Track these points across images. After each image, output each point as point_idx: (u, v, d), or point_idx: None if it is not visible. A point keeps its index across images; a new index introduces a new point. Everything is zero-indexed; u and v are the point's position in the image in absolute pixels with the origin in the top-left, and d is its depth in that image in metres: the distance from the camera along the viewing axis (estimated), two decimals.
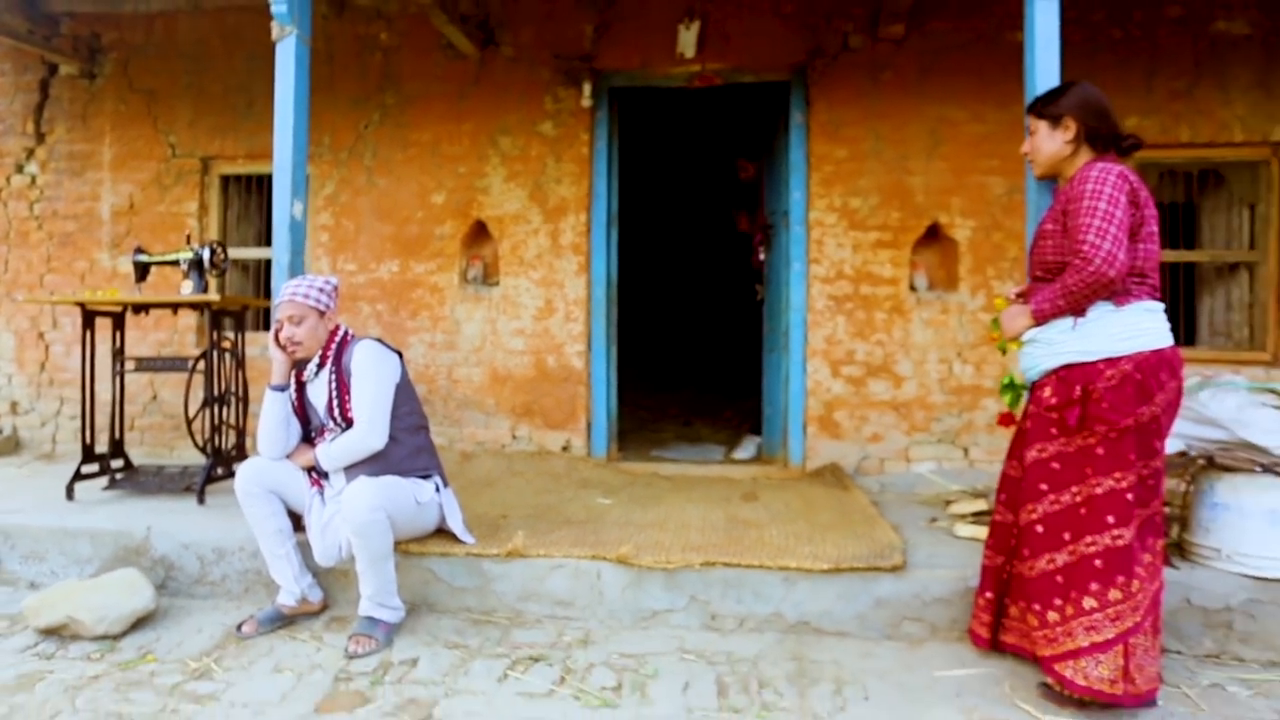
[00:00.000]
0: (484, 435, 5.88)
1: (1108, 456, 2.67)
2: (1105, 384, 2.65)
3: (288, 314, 3.49)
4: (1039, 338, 2.82)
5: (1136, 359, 2.65)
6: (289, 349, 3.53)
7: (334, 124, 5.98)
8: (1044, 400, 2.80)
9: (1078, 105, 2.88)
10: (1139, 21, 5.29)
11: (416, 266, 5.94)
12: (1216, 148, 5.29)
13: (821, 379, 5.53)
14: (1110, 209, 2.62)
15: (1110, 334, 2.68)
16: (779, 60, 5.62)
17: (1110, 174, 2.68)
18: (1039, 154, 2.98)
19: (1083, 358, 2.70)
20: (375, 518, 3.24)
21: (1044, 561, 2.76)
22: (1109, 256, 2.59)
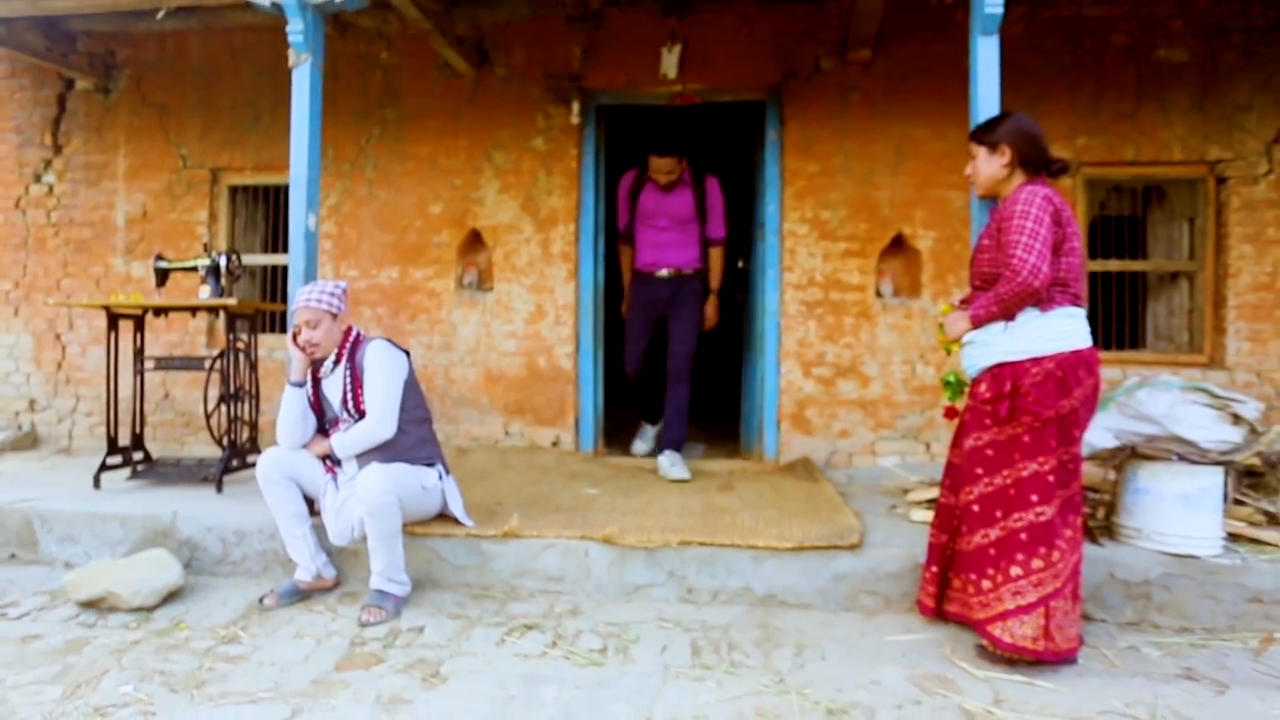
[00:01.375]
0: (479, 431, 6.25)
1: (1033, 443, 3.06)
2: (1031, 380, 3.04)
3: (305, 319, 3.86)
4: (976, 339, 3.21)
5: (1058, 358, 3.04)
6: (308, 350, 3.89)
7: (337, 138, 6.33)
8: (980, 395, 3.20)
9: (1012, 133, 3.24)
10: (1088, 48, 5.70)
11: (415, 273, 6.31)
12: (1159, 166, 5.71)
13: (794, 379, 5.92)
14: (1035, 227, 3.01)
15: (1036, 336, 3.07)
16: (755, 81, 6.01)
17: (1036, 196, 3.07)
18: (979, 176, 3.36)
19: (1012, 357, 3.09)
20: (387, 500, 3.62)
21: (979, 536, 3.17)
22: (1034, 269, 2.99)
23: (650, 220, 5.53)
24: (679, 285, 5.57)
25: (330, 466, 4.00)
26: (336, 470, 4.00)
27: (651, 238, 5.55)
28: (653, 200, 5.51)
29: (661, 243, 5.53)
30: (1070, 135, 5.69)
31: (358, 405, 3.91)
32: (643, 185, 5.55)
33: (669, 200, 5.49)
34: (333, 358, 3.95)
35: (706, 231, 5.56)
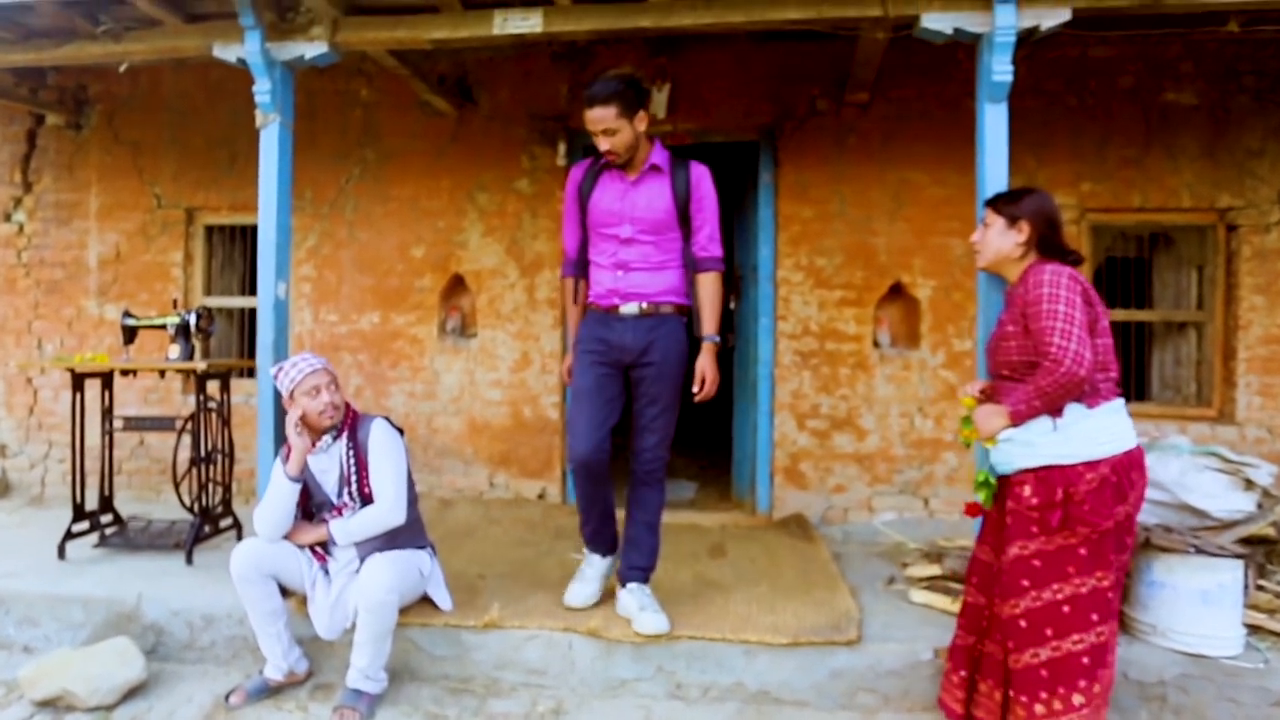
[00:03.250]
0: (462, 483, 6.06)
1: (1090, 557, 2.81)
2: (1086, 487, 2.78)
3: (324, 381, 3.61)
4: (1015, 437, 2.90)
5: (1112, 461, 2.80)
6: (327, 415, 3.60)
7: (315, 178, 6.13)
8: (1024, 499, 2.89)
9: (1036, 211, 3.04)
10: (1093, 90, 5.50)
11: (397, 318, 6.11)
12: (1167, 212, 5.51)
13: (788, 431, 5.73)
14: (1069, 310, 2.77)
15: (1088, 438, 2.81)
16: (748, 122, 5.80)
17: (1062, 276, 2.84)
18: (988, 247, 3.13)
19: (1062, 460, 2.82)
20: (391, 599, 3.45)
21: (1028, 655, 2.88)
22: (1076, 357, 2.73)
23: (608, 228, 3.66)
24: (653, 330, 3.64)
25: (321, 555, 3.74)
26: (328, 558, 3.74)
27: (611, 254, 3.67)
28: (612, 197, 3.65)
29: (625, 262, 3.63)
30: (1075, 181, 5.49)
31: (362, 488, 3.67)
32: (597, 179, 3.71)
33: (635, 196, 3.63)
34: (332, 433, 3.69)
35: (694, 247, 3.70)
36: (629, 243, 3.65)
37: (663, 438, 3.77)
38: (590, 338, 3.75)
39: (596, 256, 3.76)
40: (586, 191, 3.74)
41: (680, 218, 3.66)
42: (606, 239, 3.70)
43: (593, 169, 3.77)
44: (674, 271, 3.72)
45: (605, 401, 3.69)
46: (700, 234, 3.71)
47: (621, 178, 3.68)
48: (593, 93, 3.48)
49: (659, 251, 3.67)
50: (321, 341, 6.17)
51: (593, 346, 3.73)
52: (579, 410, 3.71)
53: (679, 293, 3.73)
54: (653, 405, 3.73)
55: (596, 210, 3.70)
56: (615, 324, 3.68)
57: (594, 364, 3.71)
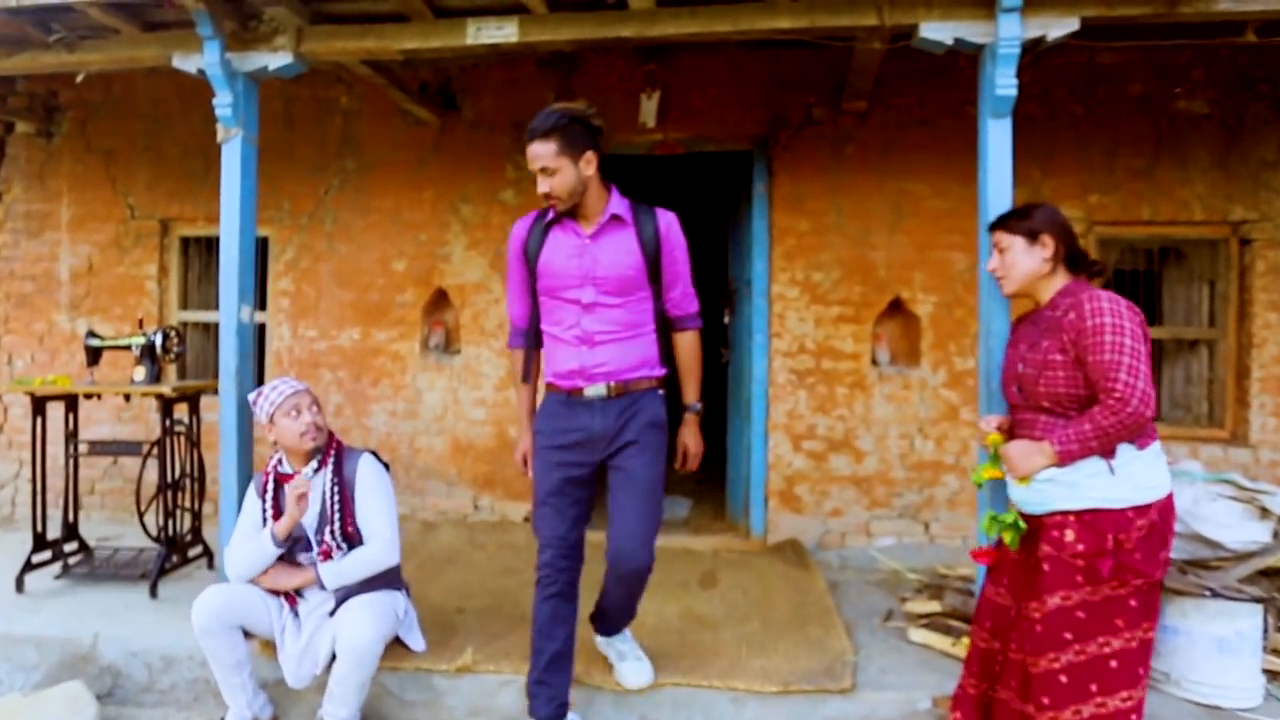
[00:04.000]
0: (446, 505, 5.85)
1: (1141, 608, 2.60)
2: (1137, 534, 2.57)
3: (305, 401, 3.42)
4: (1058, 478, 2.65)
5: (1158, 505, 2.61)
6: (310, 435, 3.39)
7: (294, 189, 5.92)
8: (1066, 545, 2.63)
9: (1052, 223, 2.82)
10: (1101, 98, 5.27)
11: (378, 334, 5.89)
12: (1177, 225, 5.29)
13: (783, 453, 5.51)
14: (1135, 345, 2.55)
15: (1137, 481, 2.59)
16: (741, 130, 5.58)
17: (1121, 305, 2.60)
18: (1014, 269, 2.86)
19: (1110, 504, 2.59)
20: (378, 648, 3.27)
21: (1069, 713, 2.63)
22: (1144, 397, 2.51)
23: (565, 292, 3.08)
24: (626, 410, 3.10)
25: (292, 597, 3.50)
26: (298, 600, 3.50)
27: (571, 325, 3.10)
28: (566, 255, 3.06)
29: (589, 334, 3.06)
30: (1082, 193, 5.27)
31: (345, 527, 3.42)
32: (546, 235, 3.11)
33: (595, 252, 3.05)
34: (315, 463, 3.45)
35: (667, 305, 3.20)
36: (592, 309, 3.05)
37: (648, 527, 3.15)
38: (551, 429, 3.16)
39: (553, 328, 3.15)
40: (534, 250, 3.11)
41: (650, 274, 3.11)
42: (564, 306, 3.09)
43: (540, 223, 3.15)
44: (647, 339, 3.16)
45: (570, 505, 3.18)
46: (674, 290, 3.19)
47: (577, 232, 3.07)
48: (532, 126, 2.96)
49: (628, 316, 3.09)
50: (300, 358, 5.96)
51: (555, 441, 3.14)
52: (540, 514, 3.20)
53: (654, 363, 3.19)
54: (633, 493, 3.12)
55: (549, 272, 3.09)
56: (581, 410, 3.11)
57: (558, 465, 3.14)
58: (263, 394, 3.43)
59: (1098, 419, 2.55)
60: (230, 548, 3.49)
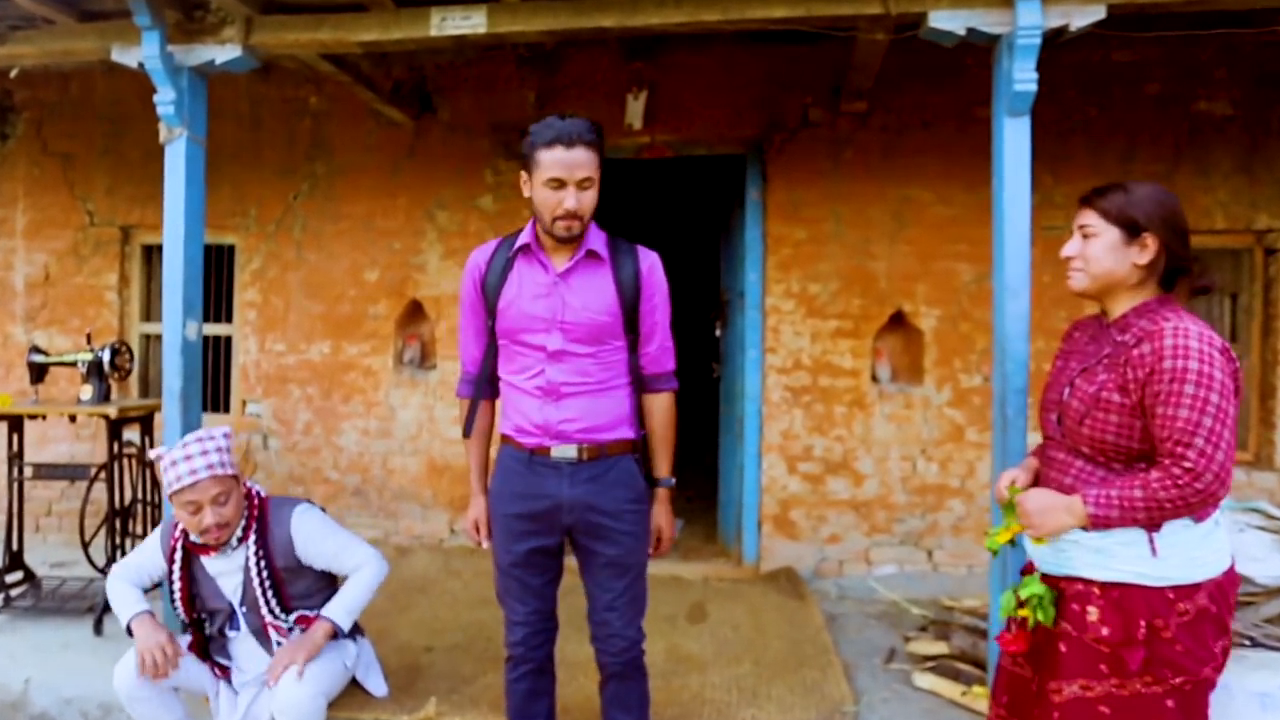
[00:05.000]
0: (421, 529, 5.52)
1: (1180, 710, 2.05)
2: (1179, 620, 2.03)
3: (209, 495, 2.85)
4: (1082, 540, 2.12)
5: (1210, 586, 2.04)
6: (213, 536, 2.91)
7: (260, 194, 5.60)
8: (1089, 625, 2.11)
9: (1164, 220, 2.13)
10: (1116, 99, 4.96)
11: (349, 348, 5.56)
12: (1198, 234, 4.90)
13: (777, 475, 5.18)
14: (1223, 404, 1.97)
15: (1186, 557, 2.04)
16: (733, 133, 5.26)
17: (1214, 348, 2.01)
18: (1095, 265, 2.18)
19: (1145, 580, 2.04)
20: (318, 705, 2.93)
21: None
22: (1222, 472, 1.95)
23: (529, 335, 2.58)
24: (598, 478, 2.62)
25: (222, 669, 3.17)
26: (231, 671, 3.18)
27: (534, 374, 2.60)
28: (532, 294, 2.58)
29: (555, 385, 2.58)
30: None
31: (284, 599, 3.09)
32: (508, 269, 2.61)
33: (565, 293, 2.57)
34: (233, 539, 3.00)
35: (641, 359, 2.69)
36: (559, 357, 2.56)
37: (636, 611, 2.73)
38: (508, 494, 2.64)
39: (513, 376, 2.64)
40: (493, 285, 2.60)
41: (626, 322, 2.62)
42: (526, 352, 2.60)
43: (503, 253, 2.64)
44: (620, 393, 2.67)
45: (538, 574, 2.71)
46: (650, 344, 2.69)
47: (545, 267, 2.58)
48: (571, 130, 2.41)
49: (599, 368, 2.61)
50: (267, 373, 5.63)
51: (513, 508, 2.63)
52: (504, 587, 2.74)
53: (629, 422, 2.68)
54: (609, 572, 2.67)
55: (511, 312, 2.58)
56: (545, 473, 2.59)
57: (520, 535, 2.64)
58: (164, 462, 2.89)
59: (1154, 489, 1.97)
60: (110, 591, 3.08)
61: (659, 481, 2.79)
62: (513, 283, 2.58)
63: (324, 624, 3.04)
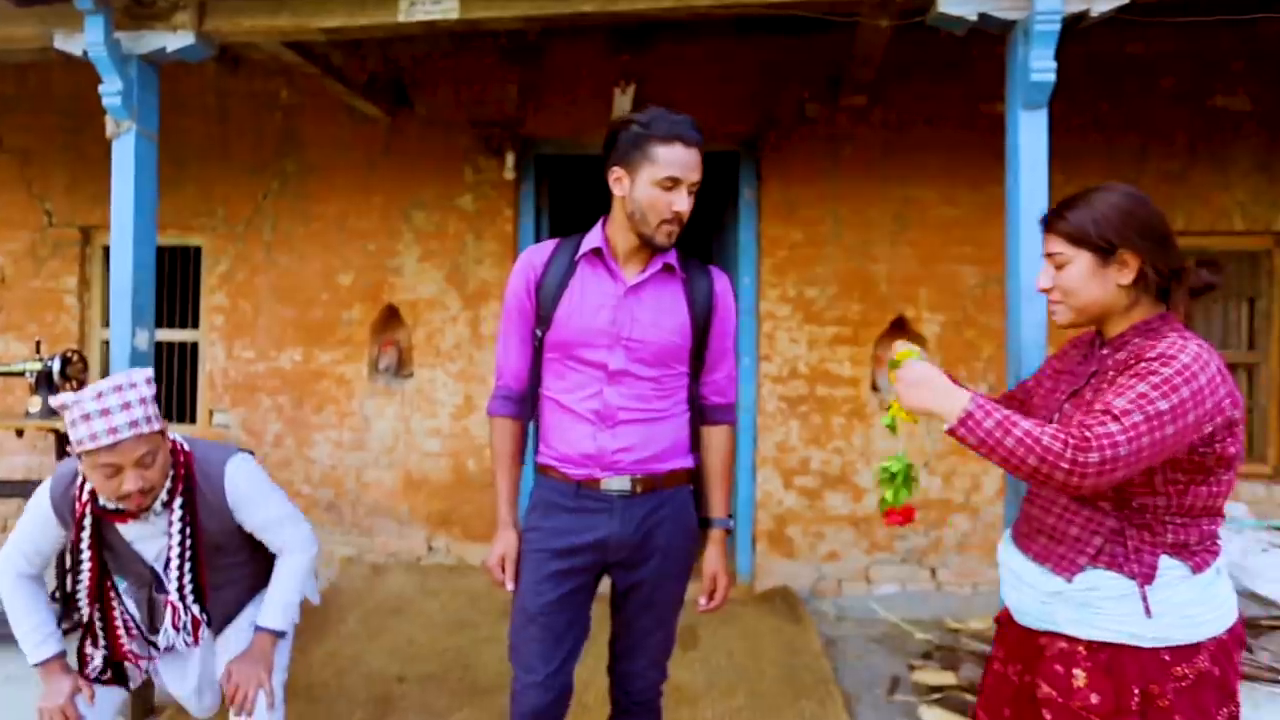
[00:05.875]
0: (397, 545, 5.24)
1: None
2: (1176, 685, 1.77)
3: (135, 456, 2.28)
4: (1066, 592, 1.85)
5: (1211, 646, 1.78)
6: (134, 502, 2.36)
7: (228, 193, 5.32)
8: (1075, 692, 1.83)
9: (1139, 231, 1.85)
10: (1130, 93, 4.72)
11: (321, 355, 5.28)
12: (1215, 236, 4.74)
13: (772, 490, 4.93)
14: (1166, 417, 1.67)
15: (1184, 615, 1.77)
16: (726, 129, 5.00)
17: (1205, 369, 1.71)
18: (1076, 298, 1.91)
19: (1138, 641, 1.78)
20: None
21: None
22: (1109, 467, 1.64)
23: (587, 352, 2.28)
24: (653, 512, 2.32)
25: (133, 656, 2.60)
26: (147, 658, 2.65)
27: (590, 395, 2.29)
28: (596, 305, 2.28)
29: (612, 410, 2.28)
30: None
31: (199, 576, 2.55)
32: (570, 274, 2.30)
33: (635, 307, 2.28)
34: (163, 498, 2.45)
35: (705, 388, 2.42)
36: (619, 378, 2.26)
37: (661, 655, 2.50)
38: (549, 530, 2.30)
39: (561, 395, 2.31)
40: (551, 290, 2.27)
41: (695, 346, 2.34)
42: (581, 369, 2.28)
43: (563, 256, 2.31)
44: (679, 421, 2.38)
45: (568, 626, 2.33)
46: (719, 370, 2.42)
47: (614, 275, 2.28)
48: (693, 126, 2.19)
49: (660, 394, 2.32)
50: (236, 381, 5.34)
51: (553, 544, 2.29)
52: (527, 636, 2.31)
53: (685, 452, 2.39)
54: (649, 615, 2.41)
55: (570, 323, 2.25)
56: (593, 506, 2.29)
57: (557, 574, 2.29)
58: (70, 412, 2.25)
59: (1041, 434, 1.69)
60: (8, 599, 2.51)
61: (714, 522, 2.45)
62: (574, 290, 2.26)
63: (267, 637, 2.58)
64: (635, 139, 2.15)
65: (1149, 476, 1.75)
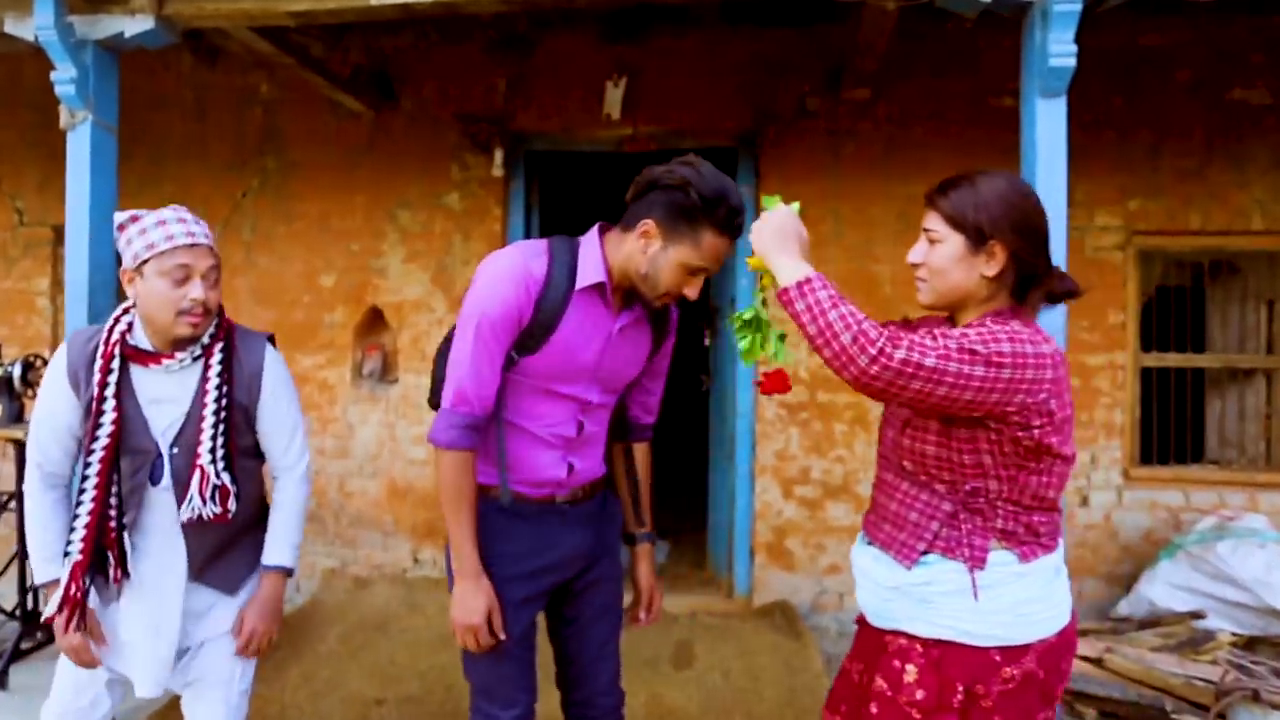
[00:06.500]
0: (381, 558, 5.05)
1: None
2: (1001, 687, 1.75)
3: (205, 266, 2.12)
4: (904, 586, 1.83)
5: (1040, 648, 1.77)
6: (190, 322, 2.09)
7: (206, 192, 5.12)
8: (904, 687, 1.82)
9: (1014, 225, 1.78)
10: (1143, 87, 4.52)
11: (303, 359, 5.08)
12: (1232, 235, 4.54)
13: (771, 500, 4.73)
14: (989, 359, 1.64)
15: (1015, 611, 1.76)
16: (723, 125, 4.81)
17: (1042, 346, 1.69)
18: (940, 280, 1.85)
19: (970, 640, 1.76)
20: None
21: None
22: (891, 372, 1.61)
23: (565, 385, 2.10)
24: (597, 516, 2.27)
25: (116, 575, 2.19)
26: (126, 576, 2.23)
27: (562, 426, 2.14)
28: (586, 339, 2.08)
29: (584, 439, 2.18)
30: (1120, 197, 4.52)
31: (231, 446, 2.22)
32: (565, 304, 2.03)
33: (620, 344, 2.14)
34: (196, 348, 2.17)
35: (638, 408, 2.35)
36: (590, 409, 2.15)
37: (619, 668, 2.34)
38: (518, 552, 2.12)
39: (531, 422, 2.10)
40: (549, 318, 2.01)
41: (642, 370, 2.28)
42: (556, 401, 2.11)
43: (559, 279, 2.02)
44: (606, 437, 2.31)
45: (531, 653, 2.20)
46: (654, 395, 2.36)
47: (605, 310, 2.09)
48: (741, 216, 2.02)
49: (607, 419, 2.26)
50: None
51: (526, 566, 2.12)
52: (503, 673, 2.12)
53: (604, 457, 2.32)
54: (605, 622, 2.29)
55: (560, 355, 2.04)
56: (553, 521, 2.16)
57: (524, 600, 2.13)
58: (139, 223, 2.12)
59: (861, 317, 1.67)
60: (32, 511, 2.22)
61: (646, 536, 2.38)
62: (571, 319, 2.03)
63: (278, 577, 2.36)
64: (689, 212, 1.94)
65: (979, 458, 1.75)
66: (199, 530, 2.22)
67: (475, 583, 2.01)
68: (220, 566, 2.30)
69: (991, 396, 1.65)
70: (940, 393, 1.64)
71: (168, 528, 2.22)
